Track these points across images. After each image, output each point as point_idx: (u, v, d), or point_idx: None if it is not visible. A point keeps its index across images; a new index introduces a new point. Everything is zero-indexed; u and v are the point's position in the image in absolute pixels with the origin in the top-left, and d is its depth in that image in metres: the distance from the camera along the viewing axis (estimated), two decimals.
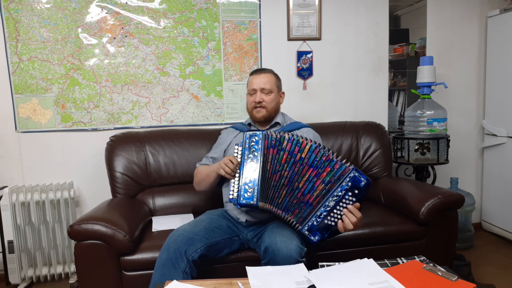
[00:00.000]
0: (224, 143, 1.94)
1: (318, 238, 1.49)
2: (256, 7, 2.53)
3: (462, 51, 2.94)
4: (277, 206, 1.55)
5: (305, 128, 1.90)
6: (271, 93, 1.85)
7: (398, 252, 1.90)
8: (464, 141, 3.03)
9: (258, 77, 1.86)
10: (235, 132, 1.95)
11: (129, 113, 2.45)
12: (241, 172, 1.57)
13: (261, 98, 1.83)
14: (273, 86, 1.87)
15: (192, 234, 1.58)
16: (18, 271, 2.22)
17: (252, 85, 1.86)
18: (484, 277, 2.28)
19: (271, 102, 1.85)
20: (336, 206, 1.47)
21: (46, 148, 2.38)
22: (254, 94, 1.85)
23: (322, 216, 1.48)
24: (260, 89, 1.84)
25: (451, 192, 2.00)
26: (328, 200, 1.48)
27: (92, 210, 1.89)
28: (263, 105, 1.83)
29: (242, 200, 1.54)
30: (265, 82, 1.84)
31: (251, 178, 1.55)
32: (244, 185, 1.55)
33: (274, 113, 1.90)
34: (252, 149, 1.58)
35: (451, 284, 1.17)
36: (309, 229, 1.50)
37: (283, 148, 1.54)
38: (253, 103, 1.85)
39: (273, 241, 1.51)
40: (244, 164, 1.57)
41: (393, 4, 2.84)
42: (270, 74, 1.89)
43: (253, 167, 1.55)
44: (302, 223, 1.52)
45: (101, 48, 2.37)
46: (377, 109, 2.78)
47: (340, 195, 1.47)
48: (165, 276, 1.48)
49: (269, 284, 1.21)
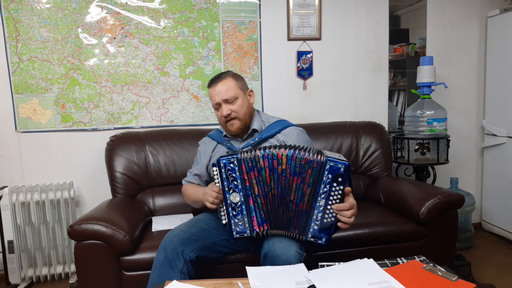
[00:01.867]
0: (204, 157, 1.84)
1: (325, 239, 1.45)
2: (256, 7, 2.53)
3: (462, 51, 2.94)
4: (279, 227, 1.49)
5: (287, 128, 1.74)
6: (236, 99, 1.67)
7: (398, 252, 1.90)
8: (464, 141, 3.03)
9: (216, 87, 1.67)
10: (212, 143, 1.84)
11: (129, 113, 2.45)
12: (226, 204, 1.49)
13: (228, 109, 1.66)
14: (236, 91, 1.68)
15: (189, 234, 1.57)
16: (18, 271, 2.22)
17: (213, 98, 1.69)
18: (484, 277, 2.28)
19: (240, 110, 1.68)
20: (327, 202, 1.42)
21: (46, 148, 2.38)
22: (219, 108, 1.69)
23: (319, 218, 1.44)
24: (224, 101, 1.66)
25: (451, 192, 2.00)
26: (318, 200, 1.42)
27: (92, 210, 1.89)
28: (232, 116, 1.67)
29: (235, 234, 1.50)
30: (225, 90, 1.66)
31: (237, 210, 1.48)
32: (232, 218, 1.49)
33: (249, 119, 1.73)
34: (230, 178, 1.47)
35: (451, 284, 1.17)
36: (313, 236, 1.45)
37: (262, 167, 1.44)
38: (222, 118, 1.69)
39: (272, 247, 1.46)
40: (227, 196, 1.49)
41: (393, 4, 2.84)
42: (227, 79, 1.69)
43: (236, 198, 1.47)
44: (304, 232, 1.46)
45: (101, 48, 2.37)
46: (377, 109, 2.78)
47: (326, 191, 1.41)
48: (163, 276, 1.48)
49: (269, 284, 1.21)
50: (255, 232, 1.48)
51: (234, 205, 1.48)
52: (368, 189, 2.42)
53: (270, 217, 1.48)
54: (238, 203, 1.47)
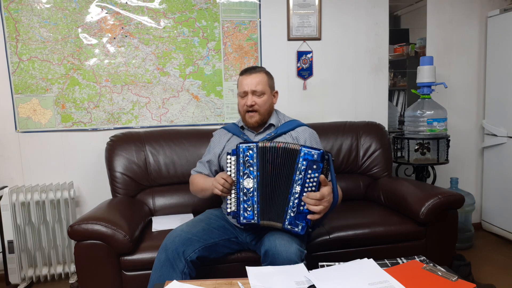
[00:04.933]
0: (217, 147, 1.87)
1: (302, 227, 1.47)
2: (256, 7, 2.53)
3: (462, 51, 2.94)
4: (272, 219, 1.54)
5: (300, 127, 1.81)
6: (263, 95, 1.73)
7: (398, 252, 1.90)
8: (464, 141, 3.03)
9: (248, 77, 1.73)
10: (227, 134, 1.87)
11: (129, 113, 2.45)
12: (238, 189, 1.53)
13: (253, 101, 1.71)
14: (265, 87, 1.74)
15: (190, 234, 1.58)
16: (18, 271, 2.22)
17: (242, 86, 1.74)
18: (484, 277, 2.28)
19: (263, 105, 1.73)
20: (303, 189, 1.46)
21: (46, 148, 2.38)
22: (245, 96, 1.74)
23: (295, 205, 1.47)
24: (252, 92, 1.71)
25: (451, 192, 2.00)
26: (293, 187, 1.47)
27: (92, 210, 1.89)
28: (255, 108, 1.72)
29: (243, 219, 1.53)
30: (257, 83, 1.71)
31: (249, 195, 1.52)
32: (242, 203, 1.52)
33: (268, 116, 1.79)
34: (247, 164, 1.52)
35: (451, 284, 1.17)
36: (290, 223, 1.49)
37: (276, 160, 1.51)
38: (244, 107, 1.73)
39: (273, 244, 1.48)
40: (240, 181, 1.53)
41: (393, 4, 2.84)
42: (261, 73, 1.75)
43: (250, 184, 1.52)
44: (282, 220, 1.51)
45: (101, 48, 2.37)
46: (377, 109, 2.78)
47: (301, 177, 1.45)
48: (163, 276, 1.48)
49: (269, 284, 1.21)
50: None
51: (246, 191, 1.52)
52: (368, 189, 2.42)
53: (267, 208, 1.54)
54: (251, 189, 1.52)
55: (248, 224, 1.54)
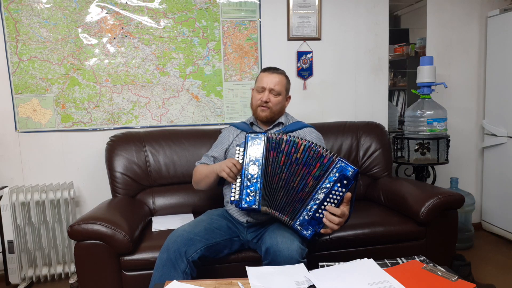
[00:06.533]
0: (225, 142, 1.92)
1: (311, 232, 1.50)
2: (256, 7, 2.53)
3: (462, 51, 2.94)
4: (275, 208, 1.57)
5: (307, 128, 1.89)
6: (279, 95, 1.82)
7: (398, 252, 1.90)
8: (464, 141, 3.03)
9: (270, 76, 1.82)
10: (236, 131, 1.93)
11: (129, 113, 2.45)
12: (243, 175, 1.57)
13: (268, 98, 1.80)
14: (283, 88, 1.83)
15: (192, 234, 1.58)
16: (18, 271, 2.22)
17: (262, 82, 1.82)
18: (484, 277, 2.28)
19: (276, 105, 1.82)
20: (326, 198, 1.48)
21: (46, 148, 2.38)
22: (262, 92, 1.82)
23: (312, 209, 1.49)
24: (269, 89, 1.80)
25: (451, 192, 2.00)
26: (317, 193, 1.49)
27: (92, 210, 1.89)
28: (268, 105, 1.81)
29: (244, 204, 1.55)
30: (276, 83, 1.81)
31: (253, 181, 1.56)
32: (246, 188, 1.55)
33: (278, 115, 1.87)
34: (254, 151, 1.57)
35: (451, 284, 1.17)
36: (301, 224, 1.51)
37: (282, 151, 1.55)
38: (259, 101, 1.82)
39: (274, 241, 1.51)
40: (245, 167, 1.57)
41: (393, 4, 2.84)
42: (282, 76, 1.85)
43: (255, 170, 1.56)
44: (294, 219, 1.53)
45: (101, 48, 2.37)
46: (377, 109, 2.78)
47: (329, 187, 1.48)
48: (165, 276, 1.48)
49: (269, 284, 1.21)
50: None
51: (250, 176, 1.56)
52: (368, 189, 2.42)
53: (269, 197, 1.56)
54: (255, 175, 1.56)
55: (249, 209, 1.56)
